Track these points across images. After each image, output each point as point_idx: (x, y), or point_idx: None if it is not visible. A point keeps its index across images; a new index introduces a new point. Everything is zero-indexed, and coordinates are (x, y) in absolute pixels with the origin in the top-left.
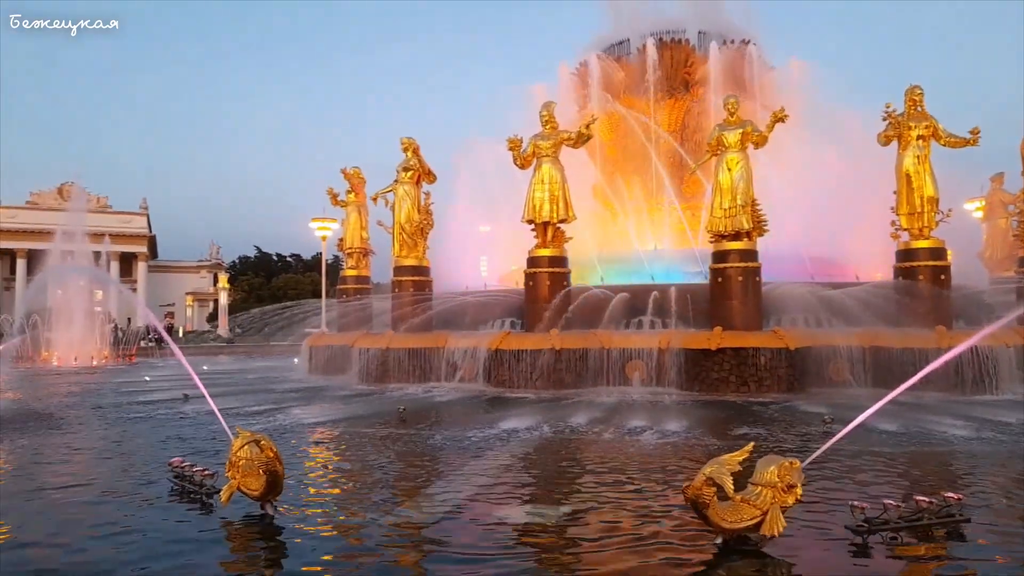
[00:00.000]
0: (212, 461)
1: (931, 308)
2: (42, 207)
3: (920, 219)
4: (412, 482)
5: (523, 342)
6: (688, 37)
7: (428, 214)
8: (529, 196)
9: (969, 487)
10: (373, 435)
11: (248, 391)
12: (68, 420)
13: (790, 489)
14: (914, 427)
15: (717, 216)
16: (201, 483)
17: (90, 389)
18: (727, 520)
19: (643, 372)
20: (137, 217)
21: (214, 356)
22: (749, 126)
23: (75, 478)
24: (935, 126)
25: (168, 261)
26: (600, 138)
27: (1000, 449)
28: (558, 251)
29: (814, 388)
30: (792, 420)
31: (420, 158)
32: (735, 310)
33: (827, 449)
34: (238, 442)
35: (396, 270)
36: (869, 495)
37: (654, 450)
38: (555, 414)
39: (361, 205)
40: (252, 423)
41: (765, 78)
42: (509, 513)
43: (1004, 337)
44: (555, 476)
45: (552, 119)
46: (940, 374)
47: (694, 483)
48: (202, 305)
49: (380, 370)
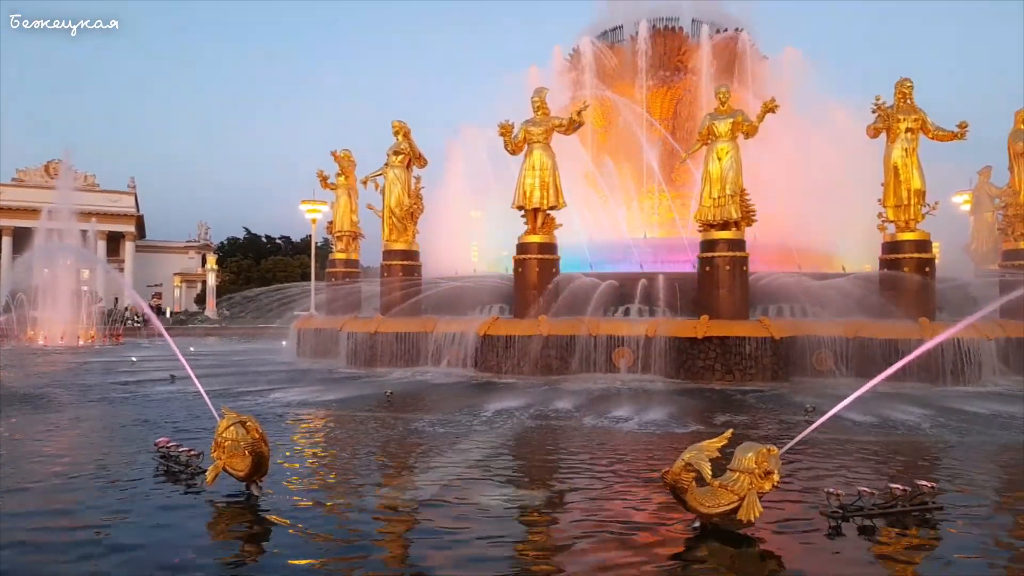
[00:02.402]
0: (198, 441)
1: (915, 300)
2: (28, 184)
3: (907, 211)
4: (396, 465)
5: (511, 328)
6: (682, 25)
7: (418, 198)
8: (520, 182)
9: (942, 475)
10: (359, 418)
11: (235, 373)
12: (53, 400)
13: (767, 475)
14: (892, 417)
15: (706, 205)
16: (187, 463)
17: (75, 369)
18: (705, 505)
19: (630, 359)
20: (125, 196)
21: (201, 338)
22: (740, 116)
23: (59, 458)
24: (924, 119)
25: (156, 241)
26: (592, 125)
27: (974, 439)
28: (548, 238)
29: (798, 377)
30: (774, 408)
31: (411, 142)
32: (722, 299)
33: (805, 437)
34: (224, 423)
35: (385, 254)
36: (844, 482)
37: (637, 436)
38: (541, 399)
39: (351, 188)
40: (238, 404)
41: (757, 67)
42: (491, 497)
43: (985, 330)
44: (538, 461)
45: (544, 105)
46: (922, 365)
47: (673, 468)
48: (190, 286)
49: (368, 354)
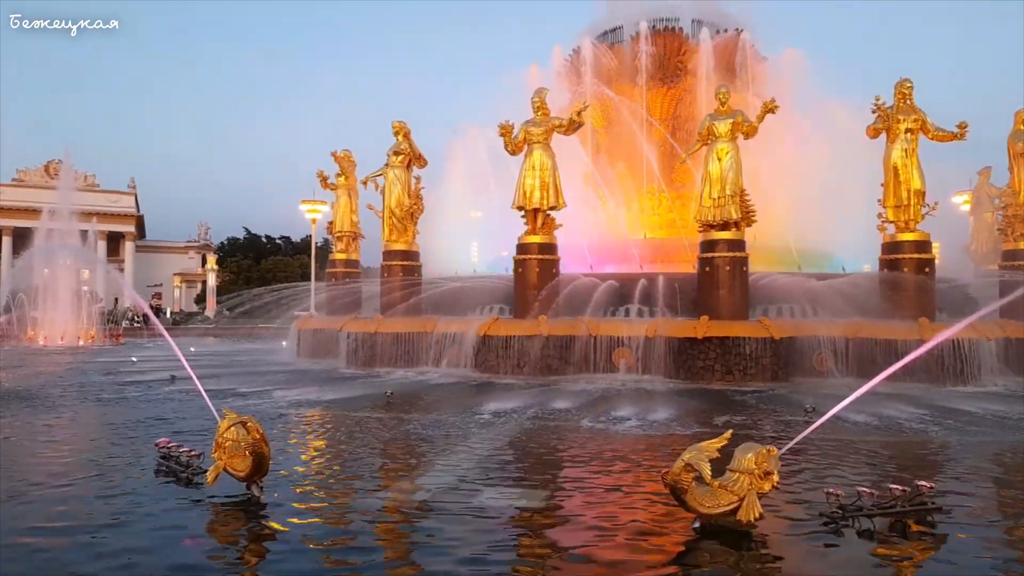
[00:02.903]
0: (199, 442)
1: (915, 300)
2: (28, 184)
3: (906, 212)
4: (396, 466)
5: (511, 328)
6: (682, 26)
7: (418, 199)
8: (520, 182)
9: (942, 476)
10: (359, 418)
11: (235, 373)
12: (53, 400)
13: (767, 476)
14: (892, 417)
15: (706, 206)
16: (187, 463)
17: (76, 369)
18: (705, 505)
19: (630, 359)
20: (125, 196)
21: (201, 338)
22: (740, 116)
23: (59, 458)
24: (923, 119)
25: (156, 241)
26: (592, 125)
27: (973, 440)
28: (548, 238)
29: (798, 378)
30: (774, 409)
31: (411, 142)
32: (722, 299)
33: (804, 437)
34: (224, 423)
35: (385, 254)
36: (844, 482)
37: (637, 437)
38: (541, 400)
39: (351, 188)
40: (239, 404)
41: (757, 68)
42: (492, 498)
43: (985, 330)
44: (538, 462)
45: (544, 106)
46: (922, 366)
47: (673, 469)
48: (190, 286)
49: (368, 354)
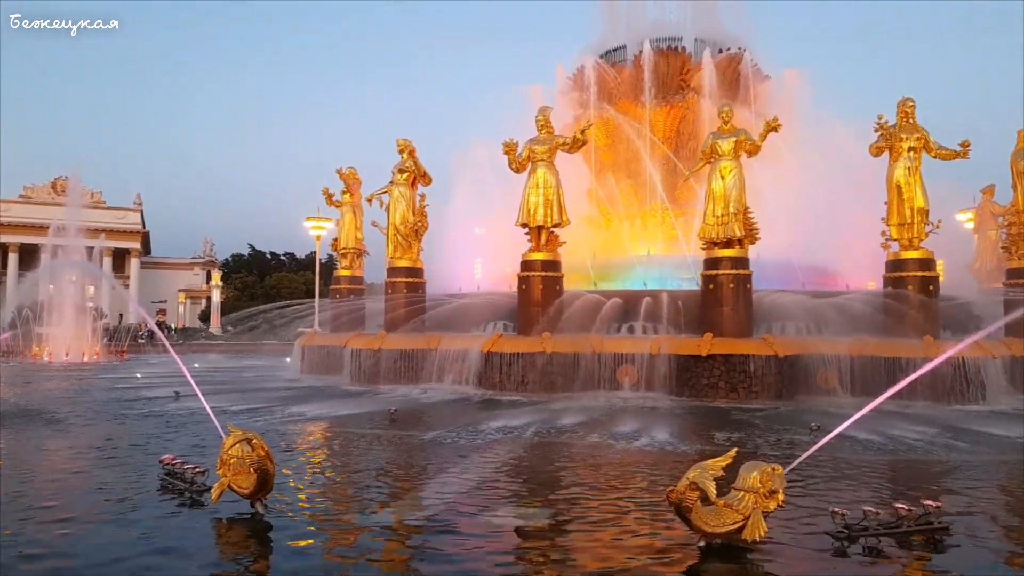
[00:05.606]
0: (203, 459)
1: (919, 318)
2: (35, 201)
3: (910, 230)
4: (401, 483)
5: (515, 345)
6: (684, 45)
7: (423, 216)
8: (524, 200)
9: (948, 496)
10: (364, 435)
11: (240, 390)
12: (58, 416)
13: (772, 495)
14: (897, 436)
15: (709, 223)
16: (192, 480)
17: (81, 385)
18: (710, 524)
19: (634, 377)
20: (131, 213)
21: (205, 354)
22: (743, 135)
23: (64, 475)
24: (926, 138)
25: (161, 258)
26: (595, 143)
27: (979, 459)
28: (552, 255)
29: (802, 396)
30: (779, 427)
31: (416, 160)
32: (726, 317)
33: (810, 456)
34: (229, 440)
35: (390, 271)
36: (850, 501)
37: (641, 455)
38: (545, 417)
39: (356, 205)
40: (244, 421)
41: (760, 87)
42: (496, 515)
43: (991, 348)
44: (542, 479)
45: (548, 124)
46: (928, 384)
47: (678, 487)
48: (195, 302)
49: (372, 371)
